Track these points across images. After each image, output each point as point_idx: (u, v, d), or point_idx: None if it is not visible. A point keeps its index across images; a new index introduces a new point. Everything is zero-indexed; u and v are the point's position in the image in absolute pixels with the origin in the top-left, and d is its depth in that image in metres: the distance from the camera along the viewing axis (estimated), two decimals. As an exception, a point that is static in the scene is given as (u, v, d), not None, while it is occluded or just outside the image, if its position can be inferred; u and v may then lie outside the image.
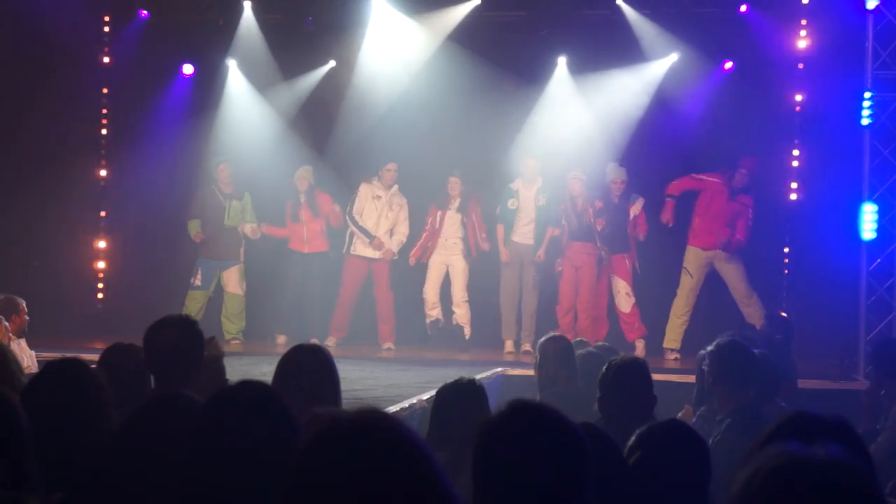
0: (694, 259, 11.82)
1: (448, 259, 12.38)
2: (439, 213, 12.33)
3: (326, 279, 12.61)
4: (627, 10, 12.66)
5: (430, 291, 12.44)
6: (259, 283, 12.88)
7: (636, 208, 11.89)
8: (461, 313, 12.37)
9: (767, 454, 1.78)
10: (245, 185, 12.71)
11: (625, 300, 11.91)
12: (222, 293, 12.67)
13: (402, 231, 12.44)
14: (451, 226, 12.32)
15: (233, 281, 12.58)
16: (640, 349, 11.73)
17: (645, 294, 12.02)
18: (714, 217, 11.68)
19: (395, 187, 12.45)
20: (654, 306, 12.04)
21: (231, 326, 12.49)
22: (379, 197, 12.39)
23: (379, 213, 12.38)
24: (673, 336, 11.79)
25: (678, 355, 11.62)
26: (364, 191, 12.46)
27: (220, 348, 5.21)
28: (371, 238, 12.33)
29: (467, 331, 12.39)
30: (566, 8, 12.90)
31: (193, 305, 12.33)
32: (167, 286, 12.82)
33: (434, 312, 12.45)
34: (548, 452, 2.34)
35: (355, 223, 12.37)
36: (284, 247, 12.67)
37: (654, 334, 11.96)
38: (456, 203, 12.29)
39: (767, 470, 1.75)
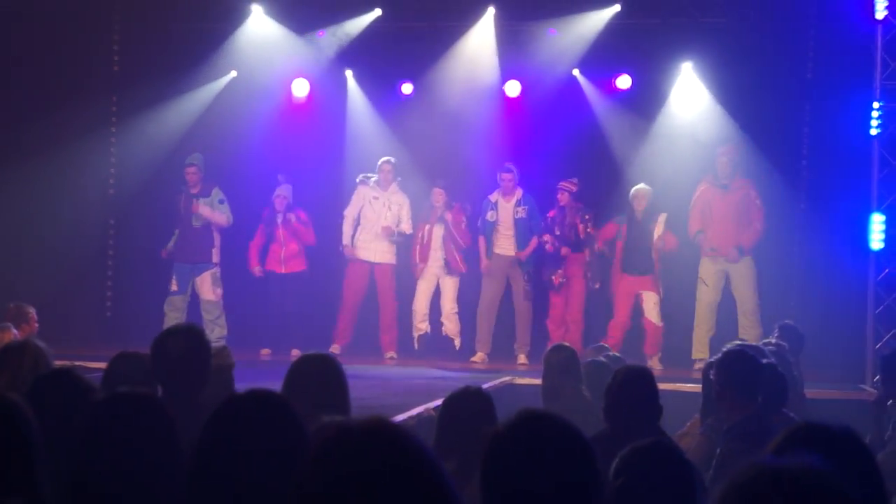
0: (710, 267, 11.79)
1: (438, 271, 12.36)
2: (427, 227, 12.30)
3: (305, 299, 12.56)
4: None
5: (421, 304, 12.41)
6: (239, 297, 12.83)
7: (659, 226, 11.85)
8: (450, 326, 12.35)
9: (743, 468, 1.79)
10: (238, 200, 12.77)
11: (658, 313, 11.88)
12: (198, 300, 12.54)
13: (405, 229, 12.37)
14: (437, 239, 12.29)
15: (206, 287, 12.43)
16: (655, 363, 11.73)
17: (668, 305, 12.04)
18: (721, 219, 11.66)
19: (394, 185, 12.38)
20: (676, 318, 12.03)
21: (212, 333, 12.21)
22: (376, 198, 12.34)
23: (378, 215, 12.31)
24: (700, 346, 11.67)
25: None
26: (360, 193, 12.41)
27: (231, 358, 5.21)
28: (342, 246, 12.37)
29: (458, 342, 12.37)
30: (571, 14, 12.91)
31: (173, 312, 12.26)
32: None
33: (423, 326, 12.42)
34: (557, 462, 2.34)
35: (343, 226, 12.40)
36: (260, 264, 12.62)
37: (678, 346, 11.93)
38: (438, 215, 12.25)
39: (740, 484, 1.75)
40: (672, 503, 3.16)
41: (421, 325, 12.43)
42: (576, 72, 12.88)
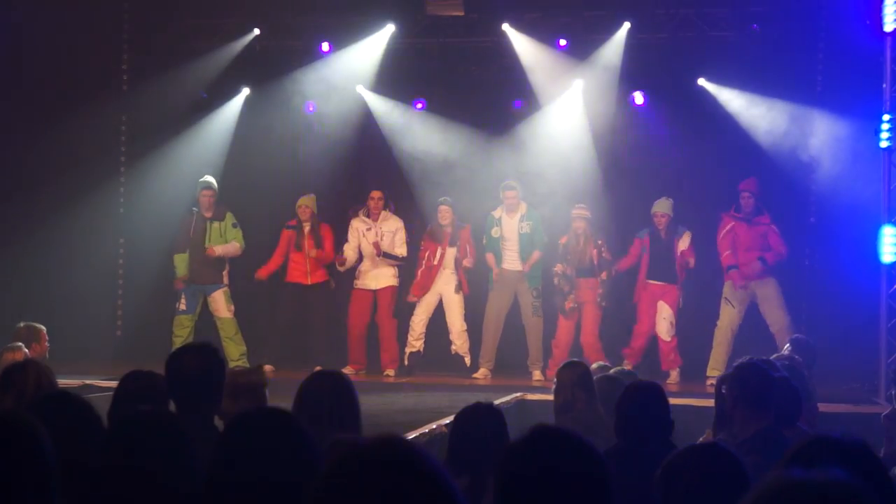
0: (734, 291, 11.79)
1: (441, 289, 12.33)
2: (439, 251, 12.27)
3: (330, 309, 12.60)
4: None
5: (418, 322, 12.38)
6: (254, 313, 12.85)
7: (684, 243, 11.87)
8: (460, 343, 12.32)
9: (768, 480, 1.78)
10: (246, 213, 12.78)
11: (667, 328, 11.87)
12: (212, 319, 12.50)
13: (400, 252, 12.39)
14: (447, 259, 12.29)
15: (220, 305, 12.41)
16: (674, 378, 11.72)
17: (686, 321, 12.02)
18: (746, 250, 11.69)
19: (385, 213, 12.43)
20: (694, 333, 12.01)
21: (234, 351, 12.22)
22: (369, 229, 12.39)
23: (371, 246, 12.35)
24: (716, 364, 11.56)
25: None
26: (353, 226, 12.49)
27: (265, 376, 5.19)
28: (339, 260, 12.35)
29: (468, 360, 12.33)
30: (579, 31, 12.94)
31: (181, 331, 12.24)
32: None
33: (418, 344, 12.39)
34: (570, 477, 2.34)
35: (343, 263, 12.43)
36: (276, 278, 12.62)
37: (695, 361, 11.89)
38: (448, 237, 12.24)
39: (768, 496, 1.74)
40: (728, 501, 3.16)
41: (416, 343, 12.40)
42: (578, 81, 12.89)
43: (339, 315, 12.69)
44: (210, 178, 12.53)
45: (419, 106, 13.29)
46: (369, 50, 13.25)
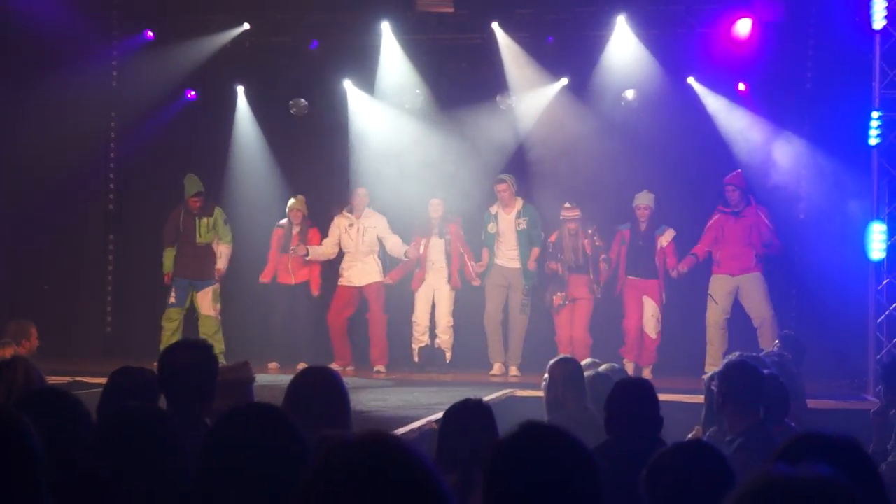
0: (719, 286, 11.81)
1: (434, 283, 12.35)
2: (423, 241, 12.30)
3: (315, 307, 12.61)
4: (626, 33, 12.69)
5: (421, 318, 12.41)
6: (245, 310, 12.86)
7: (665, 239, 11.90)
8: (445, 339, 12.34)
9: (753, 476, 1.78)
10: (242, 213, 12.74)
11: (654, 325, 11.90)
12: (196, 314, 12.49)
13: (394, 241, 12.37)
14: (436, 252, 12.30)
15: (206, 303, 12.40)
16: (647, 375, 11.75)
17: (673, 321, 12.04)
18: (732, 241, 11.71)
19: (367, 210, 12.46)
20: (685, 330, 12.03)
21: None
22: (351, 225, 12.43)
23: (355, 242, 12.39)
24: (711, 361, 11.47)
25: None
26: (336, 223, 12.53)
27: (251, 373, 5.19)
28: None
29: (448, 355, 12.35)
30: (569, 28, 12.96)
31: (170, 324, 12.23)
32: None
33: (424, 338, 12.42)
34: (559, 474, 2.34)
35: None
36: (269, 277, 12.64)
37: (687, 357, 11.89)
38: (436, 228, 12.27)
39: (753, 493, 1.75)
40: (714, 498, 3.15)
41: (422, 338, 12.43)
42: (564, 80, 12.91)
43: (325, 313, 12.68)
44: (198, 184, 12.37)
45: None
46: (358, 47, 13.22)
